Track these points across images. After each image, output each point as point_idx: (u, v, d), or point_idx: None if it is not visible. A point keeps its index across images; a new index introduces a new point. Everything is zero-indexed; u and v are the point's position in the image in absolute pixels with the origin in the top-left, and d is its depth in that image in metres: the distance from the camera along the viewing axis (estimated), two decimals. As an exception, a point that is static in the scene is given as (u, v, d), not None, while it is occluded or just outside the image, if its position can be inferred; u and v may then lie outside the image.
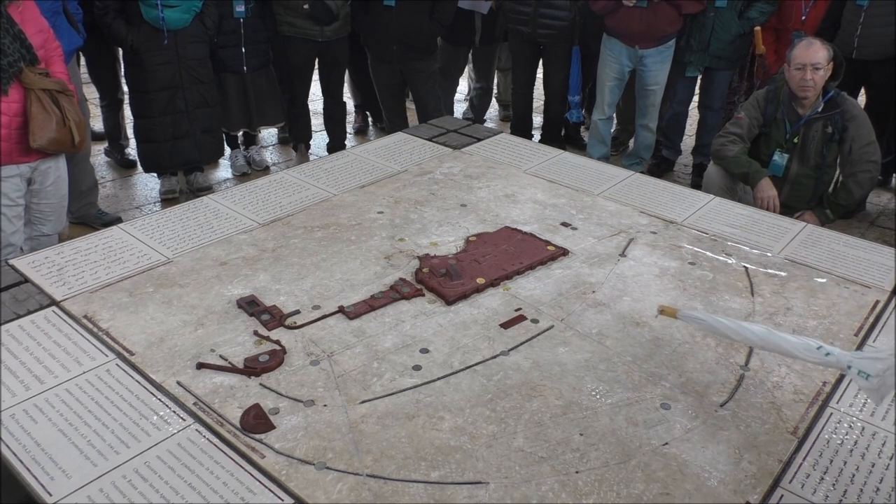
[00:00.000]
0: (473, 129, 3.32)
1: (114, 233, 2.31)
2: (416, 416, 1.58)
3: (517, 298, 2.01)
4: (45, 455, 1.45)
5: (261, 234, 2.32)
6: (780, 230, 2.44)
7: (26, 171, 2.92)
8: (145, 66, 3.86)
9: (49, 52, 2.96)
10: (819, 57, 3.16)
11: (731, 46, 4.24)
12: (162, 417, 1.56)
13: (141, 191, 4.46)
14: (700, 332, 1.88)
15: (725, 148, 3.40)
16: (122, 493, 1.37)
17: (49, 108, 2.81)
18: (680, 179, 4.73)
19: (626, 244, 2.31)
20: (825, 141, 3.30)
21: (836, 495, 1.41)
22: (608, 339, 1.86)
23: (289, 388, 1.65)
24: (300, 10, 4.19)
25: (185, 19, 3.85)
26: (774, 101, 3.38)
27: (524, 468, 1.45)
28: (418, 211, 2.50)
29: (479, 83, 5.37)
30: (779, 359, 1.79)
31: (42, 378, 1.66)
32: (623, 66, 4.43)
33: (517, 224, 2.41)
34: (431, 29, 4.37)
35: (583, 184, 2.75)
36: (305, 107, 4.71)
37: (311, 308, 1.94)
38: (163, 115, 3.97)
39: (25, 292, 1.98)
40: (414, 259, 2.19)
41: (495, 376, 1.71)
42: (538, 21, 4.50)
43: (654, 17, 4.16)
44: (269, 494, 1.37)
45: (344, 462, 1.45)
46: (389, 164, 2.87)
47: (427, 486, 1.40)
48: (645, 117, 4.59)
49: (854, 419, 1.61)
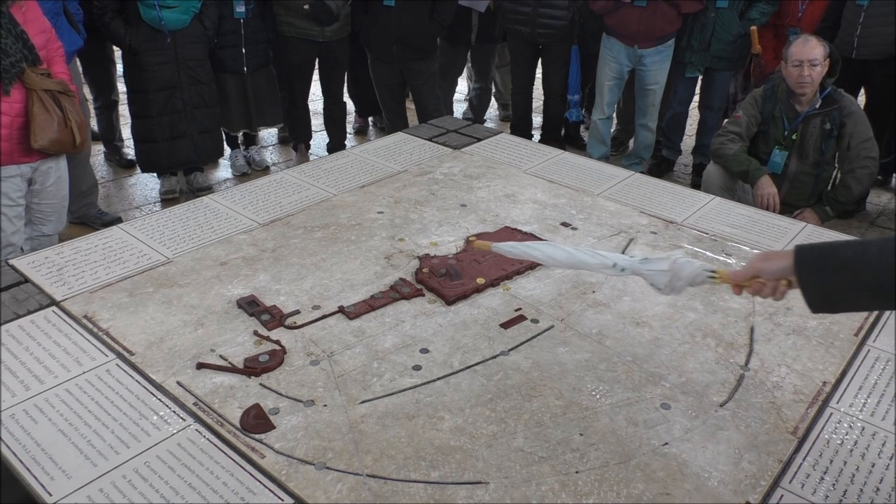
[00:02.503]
0: (473, 129, 3.32)
1: (114, 233, 2.31)
2: (416, 416, 1.58)
3: (517, 298, 2.01)
4: (45, 455, 1.45)
5: (261, 234, 2.32)
6: (780, 230, 2.44)
7: (27, 171, 2.92)
8: (144, 66, 3.86)
9: (51, 52, 2.96)
10: (816, 53, 3.18)
11: (732, 47, 4.24)
12: (162, 417, 1.56)
13: (141, 191, 4.46)
14: (700, 332, 1.88)
15: (724, 146, 3.40)
16: (122, 493, 1.37)
17: (51, 108, 2.81)
18: (680, 179, 4.74)
19: (626, 244, 2.32)
20: (823, 137, 3.30)
21: (836, 495, 1.41)
22: (608, 339, 1.86)
23: (289, 388, 1.65)
24: (300, 10, 4.19)
25: (183, 20, 3.85)
26: (772, 98, 3.39)
27: (524, 468, 1.45)
28: (418, 211, 2.50)
29: (479, 83, 5.37)
30: (779, 359, 1.80)
31: (42, 378, 1.66)
32: (622, 66, 4.43)
33: (517, 224, 2.41)
34: (431, 29, 4.37)
35: (583, 184, 2.75)
36: (305, 107, 4.71)
37: (311, 308, 1.94)
38: (161, 115, 3.97)
39: (25, 292, 1.98)
40: (414, 259, 2.19)
41: (495, 376, 1.71)
42: (537, 21, 4.50)
43: (653, 17, 4.16)
44: (269, 494, 1.37)
45: (344, 462, 1.45)
46: (389, 164, 2.88)
47: (427, 486, 1.40)
48: (645, 117, 4.59)
49: (854, 419, 1.61)
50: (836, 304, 1.30)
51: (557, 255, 1.55)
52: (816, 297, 1.28)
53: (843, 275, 1.24)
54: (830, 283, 1.26)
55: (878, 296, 1.24)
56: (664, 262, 1.47)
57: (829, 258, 1.27)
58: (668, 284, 1.46)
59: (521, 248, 1.60)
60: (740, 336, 1.88)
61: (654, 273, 1.47)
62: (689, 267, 1.45)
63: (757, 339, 1.87)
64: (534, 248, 1.58)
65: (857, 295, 1.25)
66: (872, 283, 1.22)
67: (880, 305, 1.31)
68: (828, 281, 1.26)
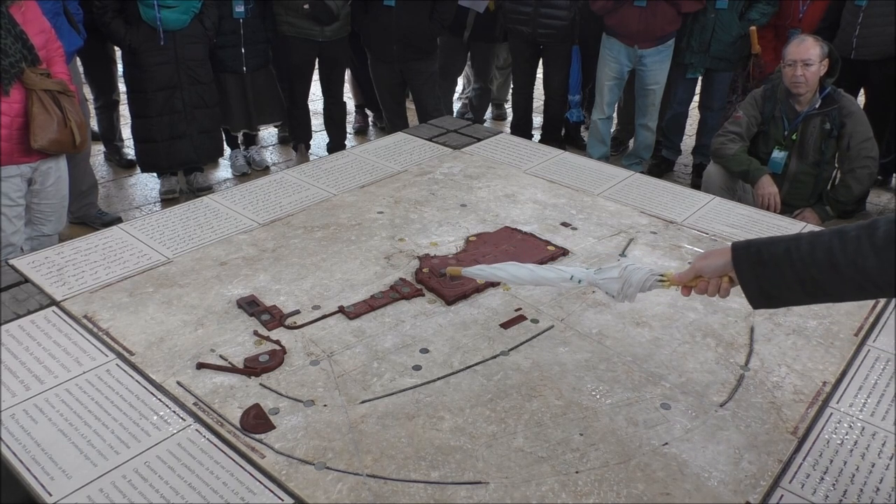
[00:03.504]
0: (473, 129, 3.32)
1: (114, 233, 2.31)
2: (416, 416, 1.58)
3: (517, 298, 2.01)
4: (45, 455, 1.45)
5: (261, 234, 2.32)
6: (780, 230, 2.44)
7: (27, 171, 2.92)
8: (143, 65, 3.87)
9: (50, 52, 2.96)
10: (810, 53, 3.18)
11: (732, 48, 4.24)
12: (162, 417, 1.56)
13: (141, 191, 4.46)
14: (700, 333, 1.88)
15: (725, 147, 3.40)
16: (122, 493, 1.37)
17: (50, 108, 2.81)
18: (680, 179, 4.74)
19: (626, 244, 2.31)
20: (823, 137, 3.31)
21: (836, 495, 1.41)
22: (608, 339, 1.86)
23: (289, 388, 1.65)
24: (300, 10, 4.19)
25: (183, 20, 3.85)
26: (772, 98, 3.40)
27: (524, 468, 1.45)
28: (418, 211, 2.50)
29: (478, 83, 5.37)
30: (779, 358, 1.80)
31: (42, 378, 1.66)
32: (622, 66, 4.43)
33: (517, 224, 2.41)
34: (431, 29, 4.37)
35: (583, 184, 2.75)
36: (305, 107, 4.71)
37: (311, 308, 1.94)
38: (160, 115, 3.97)
39: (25, 292, 1.98)
40: (414, 259, 2.19)
41: (495, 376, 1.71)
42: (538, 21, 4.50)
43: (652, 17, 4.16)
44: (269, 494, 1.37)
45: (344, 462, 1.45)
46: (389, 164, 2.88)
47: (427, 486, 1.40)
48: (644, 117, 4.60)
49: (854, 419, 1.61)
50: (774, 298, 1.30)
51: (520, 274, 1.60)
52: (755, 292, 1.29)
53: (777, 269, 1.24)
54: (765, 278, 1.26)
55: (810, 289, 1.23)
56: (615, 269, 1.51)
57: (762, 253, 1.27)
58: (621, 291, 1.50)
59: (488, 270, 1.66)
60: (740, 336, 1.88)
61: (607, 281, 1.51)
62: (637, 273, 1.49)
63: (757, 339, 1.87)
64: (500, 269, 1.63)
65: (791, 289, 1.25)
66: (803, 277, 1.22)
67: (814, 299, 1.29)
68: (763, 276, 1.27)
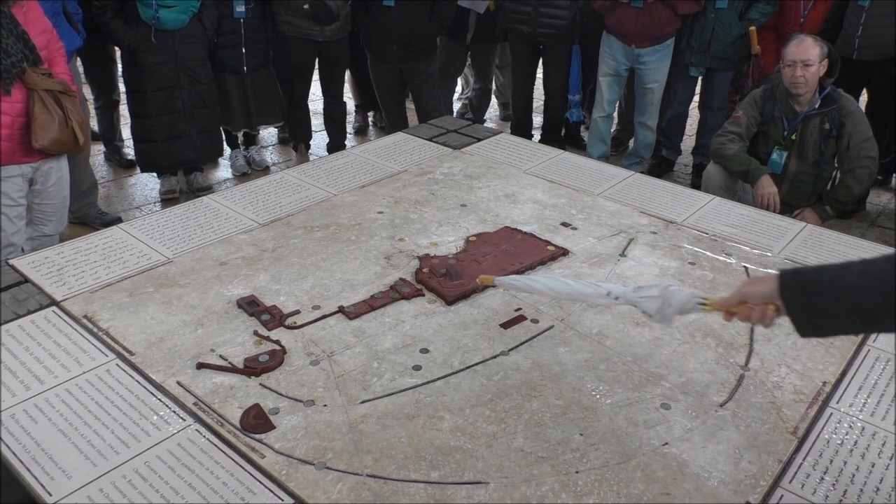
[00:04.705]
0: (473, 129, 3.32)
1: (114, 233, 2.31)
2: (416, 416, 1.58)
3: (517, 298, 2.01)
4: (45, 455, 1.45)
5: (261, 234, 2.32)
6: (780, 230, 2.44)
7: (28, 171, 2.92)
8: (143, 65, 3.87)
9: (52, 52, 2.96)
10: (809, 54, 3.18)
11: (732, 48, 4.23)
12: (162, 417, 1.56)
13: (141, 191, 4.46)
14: (700, 332, 1.88)
15: (724, 147, 3.40)
16: (122, 493, 1.37)
17: (52, 108, 2.81)
18: (680, 179, 4.73)
19: (626, 244, 2.32)
20: (823, 137, 3.31)
21: (836, 495, 1.41)
22: (608, 339, 1.86)
23: (289, 388, 1.65)
24: (300, 10, 4.19)
25: (182, 19, 3.85)
26: (772, 99, 3.40)
27: (524, 468, 1.45)
28: (418, 211, 2.50)
29: (478, 83, 5.37)
30: (779, 358, 1.80)
31: (42, 378, 1.66)
32: (619, 64, 4.43)
33: (517, 224, 2.41)
34: (431, 29, 4.37)
35: (583, 184, 2.75)
36: (305, 107, 4.70)
37: (311, 308, 1.94)
38: (160, 114, 3.97)
39: (25, 292, 1.98)
40: (414, 259, 2.19)
41: (495, 376, 1.71)
42: (538, 21, 4.50)
43: (650, 18, 4.17)
44: (269, 494, 1.37)
45: (344, 462, 1.45)
46: (389, 164, 2.88)
47: (427, 486, 1.40)
48: (644, 115, 4.59)
49: (854, 419, 1.61)
50: (822, 327, 1.26)
51: (556, 287, 1.59)
52: (802, 321, 1.25)
53: (825, 298, 1.21)
54: (813, 307, 1.23)
55: (861, 318, 1.20)
56: (655, 288, 1.50)
57: (810, 281, 1.24)
58: (659, 311, 1.48)
59: (522, 281, 1.65)
60: (740, 336, 1.88)
61: (645, 300, 1.50)
62: (679, 295, 1.47)
63: (757, 338, 1.87)
64: (535, 282, 1.62)
65: (840, 318, 1.22)
66: (854, 306, 1.19)
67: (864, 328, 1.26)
68: (811, 304, 1.24)
